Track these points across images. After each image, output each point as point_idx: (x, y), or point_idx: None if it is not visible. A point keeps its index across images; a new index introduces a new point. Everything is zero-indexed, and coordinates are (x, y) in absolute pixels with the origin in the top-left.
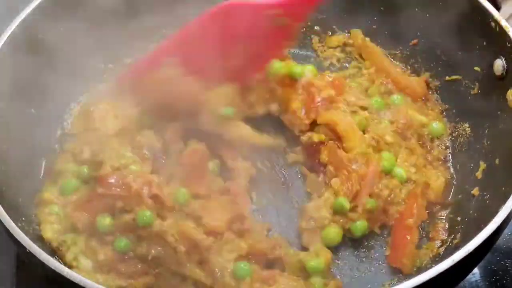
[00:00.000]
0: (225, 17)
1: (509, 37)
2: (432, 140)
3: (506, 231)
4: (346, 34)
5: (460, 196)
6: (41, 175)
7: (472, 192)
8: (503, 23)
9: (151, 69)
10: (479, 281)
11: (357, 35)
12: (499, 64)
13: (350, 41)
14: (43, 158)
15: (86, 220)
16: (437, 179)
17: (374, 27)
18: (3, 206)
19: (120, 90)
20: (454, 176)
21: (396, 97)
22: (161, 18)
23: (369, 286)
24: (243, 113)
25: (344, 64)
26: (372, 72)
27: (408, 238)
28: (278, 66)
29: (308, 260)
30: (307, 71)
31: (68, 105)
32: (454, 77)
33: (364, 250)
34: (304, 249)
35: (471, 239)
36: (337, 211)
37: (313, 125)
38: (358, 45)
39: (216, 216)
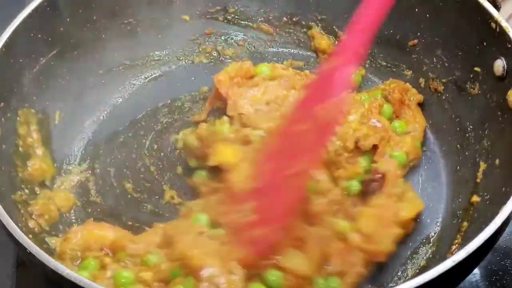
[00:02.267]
0: None
1: (509, 37)
2: None
3: (506, 231)
4: (345, 35)
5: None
6: None
7: None
8: (503, 23)
9: None
10: (479, 281)
11: None
12: (499, 65)
13: None
14: None
15: None
16: None
17: None
18: (3, 206)
19: None
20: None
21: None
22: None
23: None
24: None
25: None
26: None
27: None
28: None
29: None
30: None
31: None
32: (454, 77)
33: None
34: None
35: (472, 240)
36: None
37: None
38: None
39: None
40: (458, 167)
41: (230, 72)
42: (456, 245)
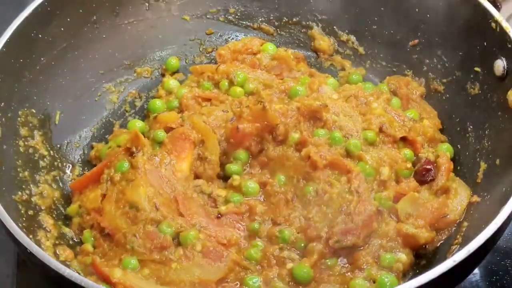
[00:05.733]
0: None
1: (509, 37)
2: None
3: (506, 231)
4: (345, 35)
5: None
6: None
7: None
8: (504, 23)
9: None
10: (479, 281)
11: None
12: (500, 65)
13: (349, 43)
14: None
15: None
16: None
17: (375, 27)
18: (3, 206)
19: None
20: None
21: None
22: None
23: None
24: None
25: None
26: None
27: None
28: None
29: None
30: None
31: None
32: (454, 77)
33: None
34: None
35: (472, 240)
36: None
37: None
38: None
39: None
40: (458, 167)
41: (231, 48)
42: (456, 245)
